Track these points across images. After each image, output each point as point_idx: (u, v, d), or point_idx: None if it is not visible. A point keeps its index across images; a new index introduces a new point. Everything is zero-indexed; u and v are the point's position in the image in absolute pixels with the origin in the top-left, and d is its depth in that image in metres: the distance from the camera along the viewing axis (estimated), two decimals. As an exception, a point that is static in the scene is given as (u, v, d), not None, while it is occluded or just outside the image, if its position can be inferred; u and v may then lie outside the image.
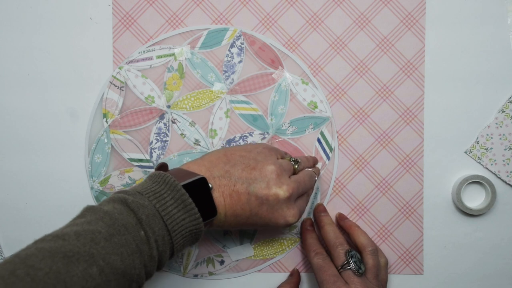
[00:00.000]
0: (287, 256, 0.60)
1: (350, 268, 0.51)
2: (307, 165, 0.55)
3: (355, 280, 0.50)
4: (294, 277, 0.58)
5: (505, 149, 0.59)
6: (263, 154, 0.50)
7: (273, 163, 0.48)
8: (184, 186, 0.43)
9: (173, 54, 0.59)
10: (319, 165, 0.59)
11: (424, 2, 0.59)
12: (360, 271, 0.51)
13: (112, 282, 0.37)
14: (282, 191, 0.47)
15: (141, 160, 0.59)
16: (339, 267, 0.52)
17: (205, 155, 0.50)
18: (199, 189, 0.44)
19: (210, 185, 0.45)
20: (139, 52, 0.59)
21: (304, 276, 0.60)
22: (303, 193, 0.51)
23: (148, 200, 0.42)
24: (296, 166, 0.52)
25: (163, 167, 0.48)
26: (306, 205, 0.53)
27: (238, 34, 0.59)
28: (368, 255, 0.54)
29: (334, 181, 0.60)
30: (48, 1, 0.59)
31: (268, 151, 0.51)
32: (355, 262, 0.52)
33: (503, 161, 0.59)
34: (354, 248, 0.56)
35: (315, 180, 0.54)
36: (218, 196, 0.46)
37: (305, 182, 0.51)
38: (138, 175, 0.59)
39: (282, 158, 0.52)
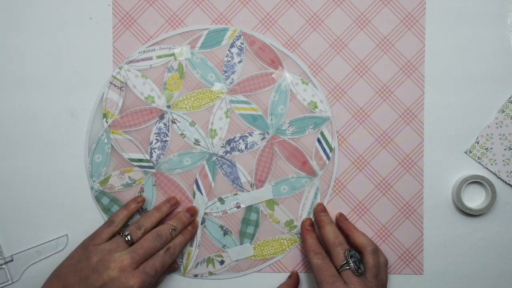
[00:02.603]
0: (287, 256, 0.60)
1: (349, 268, 0.51)
2: (149, 223, 0.55)
3: (354, 280, 0.50)
4: (293, 278, 0.58)
5: (505, 149, 0.59)
6: (83, 254, 0.52)
7: (94, 254, 0.51)
8: None
9: (173, 54, 0.59)
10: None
11: (424, 2, 0.59)
12: (359, 271, 0.51)
13: None
14: (111, 270, 0.50)
15: (141, 160, 0.59)
16: (339, 267, 0.52)
17: (43, 285, 0.52)
18: None
19: None
20: (139, 52, 0.59)
21: (304, 276, 0.60)
22: (148, 255, 0.52)
23: None
24: (128, 238, 0.53)
25: None
26: (168, 260, 0.54)
27: (238, 34, 0.59)
28: (369, 255, 0.54)
29: (334, 181, 0.60)
30: (48, 1, 0.59)
31: (86, 246, 0.53)
32: (354, 262, 0.52)
33: (503, 161, 0.59)
34: (354, 249, 0.56)
35: (171, 233, 0.54)
36: None
37: (144, 246, 0.52)
38: (138, 175, 0.59)
39: (112, 235, 0.54)
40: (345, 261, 0.52)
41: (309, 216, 0.60)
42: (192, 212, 0.58)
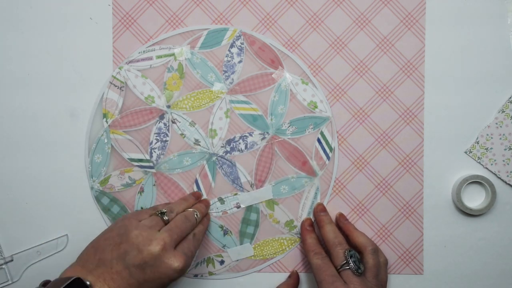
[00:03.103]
0: (287, 256, 0.60)
1: (349, 268, 0.51)
2: (180, 208, 0.55)
3: (354, 280, 0.50)
4: (292, 278, 0.58)
5: (505, 149, 0.59)
6: (123, 226, 0.50)
7: (134, 228, 0.49)
8: None
9: (173, 54, 0.59)
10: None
11: (424, 2, 0.59)
12: (359, 270, 0.51)
13: None
14: (153, 246, 0.47)
15: (141, 160, 0.59)
16: (338, 267, 0.52)
17: (78, 256, 0.50)
18: None
19: (87, 282, 0.46)
20: (139, 52, 0.59)
21: (304, 276, 0.60)
22: (182, 237, 0.51)
23: None
24: (166, 217, 0.52)
25: (46, 283, 0.48)
26: (197, 246, 0.52)
27: (238, 34, 0.59)
28: (369, 255, 0.54)
29: (334, 181, 0.60)
30: (48, 1, 0.59)
31: (128, 221, 0.51)
32: (354, 261, 0.52)
33: (503, 161, 0.59)
34: (354, 249, 0.56)
35: (196, 218, 0.54)
36: (102, 286, 0.46)
37: (180, 226, 0.51)
38: (138, 175, 0.59)
39: (150, 216, 0.52)
40: (345, 261, 0.52)
41: (309, 216, 0.60)
42: (207, 203, 0.58)
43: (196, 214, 0.54)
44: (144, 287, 0.48)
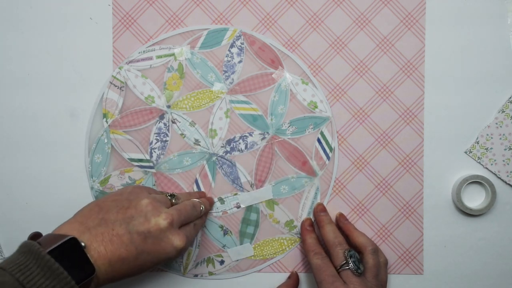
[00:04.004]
0: (287, 256, 0.60)
1: (349, 268, 0.51)
2: (186, 198, 0.55)
3: (353, 280, 0.50)
4: (292, 279, 0.58)
5: (505, 149, 0.59)
6: (134, 193, 0.49)
7: (146, 197, 0.48)
8: (54, 250, 0.41)
9: (173, 54, 0.59)
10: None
11: (424, 2, 0.59)
12: (359, 270, 0.51)
13: None
14: (161, 219, 0.46)
15: (141, 160, 0.59)
16: (338, 267, 0.52)
17: (78, 211, 0.49)
18: (72, 250, 0.42)
19: (82, 243, 0.43)
20: (139, 52, 0.59)
21: (304, 276, 0.60)
22: (186, 221, 0.50)
23: (11, 274, 0.39)
24: (174, 200, 0.51)
25: (35, 236, 0.46)
26: (194, 235, 0.52)
27: (238, 34, 0.59)
28: (369, 255, 0.54)
29: (334, 181, 0.60)
30: (48, 1, 0.59)
31: (139, 189, 0.50)
32: (354, 262, 0.52)
33: (503, 161, 0.59)
34: (354, 249, 0.56)
35: (201, 210, 0.53)
36: (97, 246, 0.44)
37: (187, 210, 0.50)
38: (138, 175, 0.59)
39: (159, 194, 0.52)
40: (344, 261, 0.52)
41: (309, 216, 0.60)
42: (211, 201, 0.59)
43: (202, 207, 0.54)
44: (140, 258, 0.46)
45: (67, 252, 0.42)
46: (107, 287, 0.46)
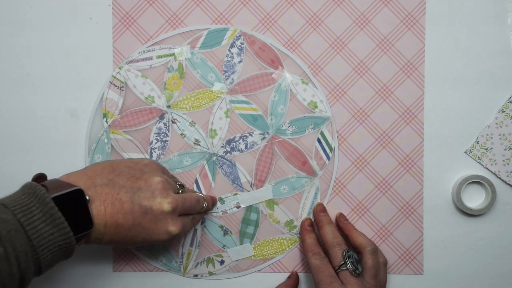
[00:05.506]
0: (287, 256, 0.60)
1: (347, 269, 0.51)
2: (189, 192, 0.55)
3: (351, 281, 0.50)
4: (292, 279, 0.58)
5: (505, 149, 0.59)
6: (149, 166, 0.50)
7: (159, 175, 0.49)
8: (57, 198, 0.41)
9: (173, 54, 0.59)
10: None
11: (424, 2, 0.59)
12: (357, 271, 0.51)
13: None
14: (166, 202, 0.47)
15: (141, 160, 0.59)
16: (336, 268, 0.52)
17: (90, 165, 0.49)
18: (74, 201, 0.42)
19: (87, 197, 0.43)
20: (139, 52, 0.59)
21: (304, 276, 0.60)
22: (187, 212, 0.51)
23: (13, 213, 0.39)
24: (181, 191, 0.52)
25: (40, 178, 0.46)
26: (191, 227, 0.53)
27: (238, 34, 0.59)
28: (368, 255, 0.54)
29: (334, 181, 0.60)
30: (48, 1, 0.59)
31: (156, 165, 0.51)
32: (352, 262, 0.52)
33: (503, 161, 0.59)
34: (354, 249, 0.56)
35: (203, 206, 0.54)
36: (99, 205, 0.44)
37: (191, 202, 0.51)
38: (138, 175, 0.59)
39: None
40: (342, 262, 0.52)
41: (309, 216, 0.60)
42: (215, 201, 0.59)
43: (205, 204, 0.54)
44: (134, 230, 0.46)
45: (70, 202, 0.42)
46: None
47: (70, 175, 0.46)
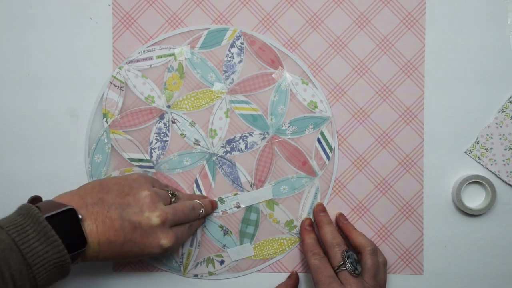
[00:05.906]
0: (287, 256, 0.60)
1: (346, 269, 0.51)
2: (187, 199, 0.55)
3: (351, 281, 0.50)
4: (292, 279, 0.58)
5: (505, 149, 0.59)
6: (138, 181, 0.50)
7: (147, 189, 0.49)
8: (51, 217, 0.42)
9: (173, 54, 0.59)
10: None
11: (424, 2, 0.59)
12: (356, 271, 0.51)
13: None
14: (154, 216, 0.47)
15: (141, 160, 0.59)
16: (336, 268, 0.52)
17: (82, 185, 0.50)
18: (68, 221, 0.43)
19: (80, 216, 0.44)
20: (139, 52, 0.59)
21: (304, 276, 0.60)
22: (182, 221, 0.51)
23: (7, 233, 0.40)
24: (173, 199, 0.52)
25: (35, 200, 0.47)
26: (188, 236, 0.53)
27: (238, 34, 0.59)
28: (367, 255, 0.53)
29: (334, 181, 0.60)
30: (48, 1, 0.59)
31: (144, 179, 0.51)
32: (351, 262, 0.52)
33: (503, 161, 0.59)
34: (353, 250, 0.56)
35: (200, 213, 0.54)
36: (90, 224, 0.45)
37: (184, 211, 0.51)
38: (138, 175, 0.59)
39: (162, 189, 0.52)
40: (342, 262, 0.52)
41: (309, 216, 0.60)
42: (214, 205, 0.59)
43: (202, 210, 0.54)
44: (126, 246, 0.47)
45: (63, 221, 0.43)
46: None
47: (63, 195, 0.47)
